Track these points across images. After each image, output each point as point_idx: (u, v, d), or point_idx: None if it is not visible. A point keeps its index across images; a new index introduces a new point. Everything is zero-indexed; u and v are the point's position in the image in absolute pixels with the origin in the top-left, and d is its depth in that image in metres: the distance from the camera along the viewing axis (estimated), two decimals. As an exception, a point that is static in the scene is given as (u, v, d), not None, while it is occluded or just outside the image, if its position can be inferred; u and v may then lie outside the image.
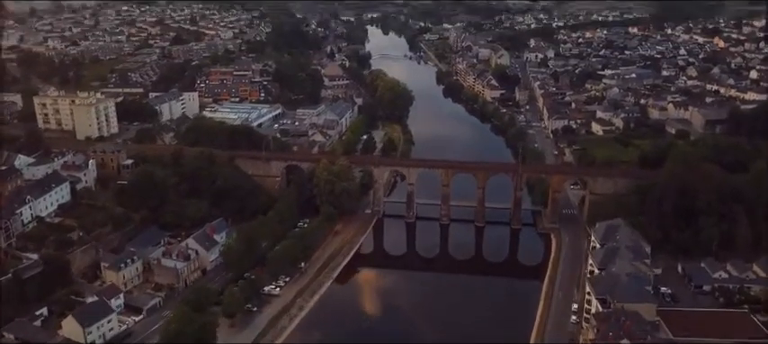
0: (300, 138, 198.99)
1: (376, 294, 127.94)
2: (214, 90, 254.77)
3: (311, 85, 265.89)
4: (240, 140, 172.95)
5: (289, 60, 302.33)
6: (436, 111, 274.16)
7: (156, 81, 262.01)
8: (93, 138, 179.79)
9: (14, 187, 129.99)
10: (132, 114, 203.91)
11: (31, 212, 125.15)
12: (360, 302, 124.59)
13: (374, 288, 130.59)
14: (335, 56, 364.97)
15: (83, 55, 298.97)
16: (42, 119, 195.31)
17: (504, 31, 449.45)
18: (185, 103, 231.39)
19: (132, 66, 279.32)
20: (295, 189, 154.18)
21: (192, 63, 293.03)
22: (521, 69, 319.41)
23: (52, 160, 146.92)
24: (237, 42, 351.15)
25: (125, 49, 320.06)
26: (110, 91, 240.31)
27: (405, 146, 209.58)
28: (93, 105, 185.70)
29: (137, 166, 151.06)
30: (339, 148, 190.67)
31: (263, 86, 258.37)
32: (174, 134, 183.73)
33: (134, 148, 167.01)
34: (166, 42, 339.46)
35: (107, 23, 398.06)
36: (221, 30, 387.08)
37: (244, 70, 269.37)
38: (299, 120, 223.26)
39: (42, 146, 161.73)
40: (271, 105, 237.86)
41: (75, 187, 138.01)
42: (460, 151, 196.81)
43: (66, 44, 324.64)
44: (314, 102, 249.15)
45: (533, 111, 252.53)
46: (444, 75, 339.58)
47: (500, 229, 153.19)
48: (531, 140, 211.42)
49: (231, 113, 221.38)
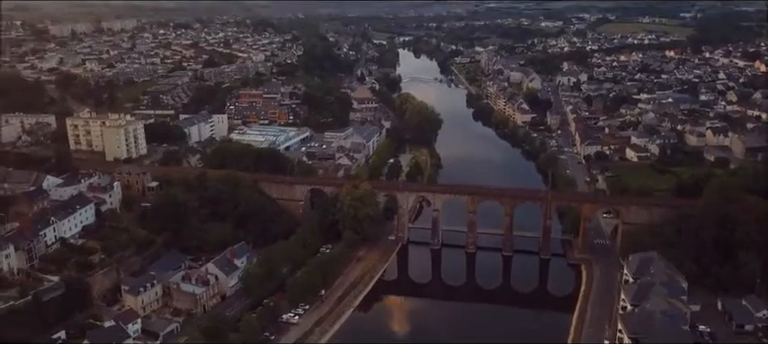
0: (327, 161, 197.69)
1: (399, 324, 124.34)
2: (243, 112, 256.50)
3: (340, 108, 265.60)
4: (265, 163, 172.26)
5: (318, 83, 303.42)
6: (466, 134, 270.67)
7: (186, 103, 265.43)
8: (121, 159, 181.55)
9: (40, 208, 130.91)
10: (161, 136, 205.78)
11: (55, 234, 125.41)
12: (382, 331, 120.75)
13: (397, 317, 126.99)
14: (366, 79, 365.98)
15: (117, 77, 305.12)
16: (74, 140, 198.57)
17: (536, 54, 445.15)
18: (214, 125, 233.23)
19: (164, 88, 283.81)
20: (318, 214, 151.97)
21: (222, 85, 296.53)
22: (553, 93, 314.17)
23: (79, 181, 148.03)
24: (268, 65, 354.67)
25: (159, 72, 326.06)
26: (141, 112, 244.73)
27: (432, 170, 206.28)
28: (122, 127, 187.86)
29: (161, 188, 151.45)
30: (365, 172, 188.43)
31: (291, 109, 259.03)
32: (200, 156, 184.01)
33: (160, 170, 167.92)
34: (199, 65, 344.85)
35: (143, 46, 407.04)
36: (253, 52, 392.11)
37: (273, 93, 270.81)
38: (327, 143, 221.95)
39: (71, 167, 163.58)
40: (299, 128, 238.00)
41: (99, 209, 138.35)
42: (489, 176, 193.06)
43: (102, 66, 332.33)
44: (342, 125, 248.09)
45: (565, 136, 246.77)
46: (474, 98, 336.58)
47: (528, 258, 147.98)
48: (562, 165, 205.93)
49: (259, 135, 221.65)
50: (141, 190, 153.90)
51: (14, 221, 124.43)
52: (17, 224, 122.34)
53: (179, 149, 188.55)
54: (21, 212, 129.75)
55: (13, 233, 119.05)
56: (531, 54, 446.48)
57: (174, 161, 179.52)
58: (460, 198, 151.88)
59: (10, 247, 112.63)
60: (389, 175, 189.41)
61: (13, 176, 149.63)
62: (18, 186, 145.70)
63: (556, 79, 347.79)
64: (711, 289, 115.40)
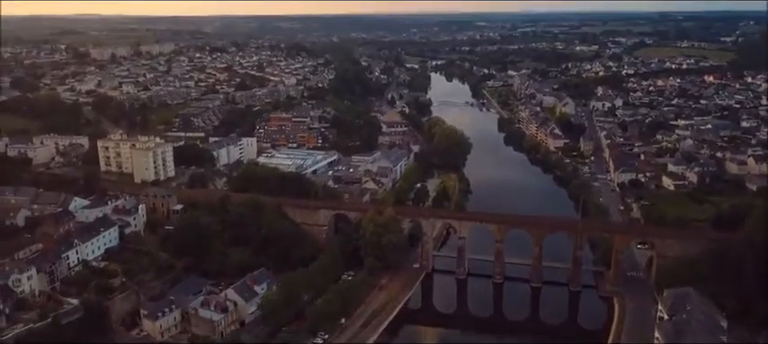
0: (353, 185, 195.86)
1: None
2: (272, 135, 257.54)
3: (368, 131, 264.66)
4: (290, 187, 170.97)
5: (348, 107, 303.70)
6: (496, 159, 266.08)
7: (217, 126, 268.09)
8: (149, 181, 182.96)
9: (65, 230, 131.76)
10: (190, 158, 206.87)
11: (78, 256, 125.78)
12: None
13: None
14: (396, 103, 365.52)
15: (151, 99, 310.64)
16: (105, 161, 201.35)
17: (570, 78, 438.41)
18: (243, 148, 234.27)
19: (195, 111, 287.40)
20: (340, 240, 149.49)
21: (253, 109, 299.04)
22: (586, 118, 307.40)
23: (105, 204, 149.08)
24: (300, 89, 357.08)
25: (192, 95, 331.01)
26: (173, 135, 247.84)
27: (460, 196, 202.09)
28: (150, 149, 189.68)
29: (186, 211, 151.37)
30: (391, 196, 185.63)
31: (320, 133, 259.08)
32: (226, 180, 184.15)
33: (186, 192, 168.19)
34: (232, 88, 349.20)
35: (179, 69, 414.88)
36: (285, 76, 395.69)
37: (302, 116, 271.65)
38: (354, 167, 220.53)
39: (99, 189, 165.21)
40: (326, 152, 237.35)
41: (123, 231, 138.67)
42: (519, 203, 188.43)
43: (138, 89, 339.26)
44: (370, 149, 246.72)
45: (599, 162, 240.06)
46: (506, 122, 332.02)
47: (558, 290, 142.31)
48: (595, 193, 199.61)
49: (287, 159, 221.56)
50: (166, 213, 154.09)
51: (38, 242, 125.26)
52: (41, 246, 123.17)
53: (205, 172, 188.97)
54: (46, 234, 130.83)
55: (37, 255, 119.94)
56: (564, 78, 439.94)
57: (201, 184, 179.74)
58: (487, 226, 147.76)
59: (32, 268, 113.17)
60: (416, 200, 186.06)
61: (42, 197, 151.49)
62: (46, 208, 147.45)
63: (590, 104, 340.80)
64: (754, 328, 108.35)
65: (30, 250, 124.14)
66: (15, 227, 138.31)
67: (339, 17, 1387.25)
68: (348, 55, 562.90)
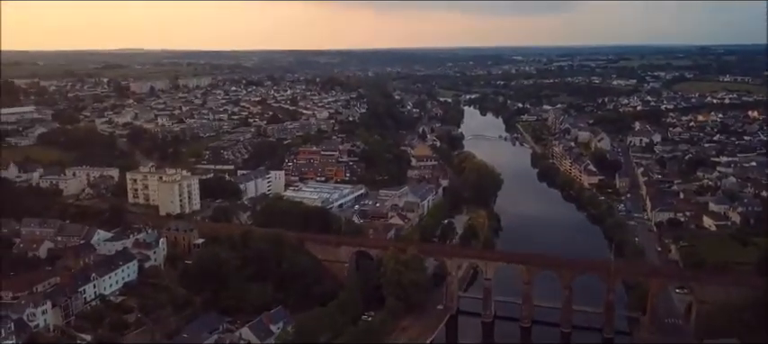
0: (378, 220, 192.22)
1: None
2: (301, 169, 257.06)
3: (397, 165, 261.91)
4: (313, 221, 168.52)
5: (378, 140, 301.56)
6: (528, 196, 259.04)
7: (247, 158, 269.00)
8: (173, 214, 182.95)
9: (84, 264, 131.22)
10: (216, 191, 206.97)
11: (96, 290, 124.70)
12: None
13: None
14: (427, 136, 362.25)
15: (184, 132, 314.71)
16: (133, 194, 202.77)
17: (606, 113, 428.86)
18: (272, 181, 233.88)
19: (226, 143, 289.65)
20: (360, 278, 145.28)
21: (284, 141, 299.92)
22: (623, 154, 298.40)
23: (127, 237, 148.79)
24: (331, 122, 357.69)
25: (224, 127, 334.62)
26: (202, 167, 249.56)
27: (489, 234, 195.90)
28: (176, 182, 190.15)
29: (207, 245, 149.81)
30: (416, 233, 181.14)
31: (348, 166, 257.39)
32: (250, 214, 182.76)
33: (208, 226, 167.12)
34: (264, 121, 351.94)
35: (214, 103, 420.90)
36: (318, 110, 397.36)
37: (331, 150, 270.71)
38: (381, 201, 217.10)
39: (123, 221, 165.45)
40: (354, 186, 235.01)
41: (143, 265, 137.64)
42: (551, 242, 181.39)
43: (173, 121, 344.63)
44: (398, 183, 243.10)
45: (635, 200, 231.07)
46: (539, 157, 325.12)
47: (589, 336, 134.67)
48: (630, 232, 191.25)
49: (313, 192, 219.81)
50: (187, 247, 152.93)
51: (57, 275, 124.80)
52: (58, 279, 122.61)
53: (229, 206, 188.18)
54: (65, 267, 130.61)
55: (54, 289, 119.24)
56: (600, 113, 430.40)
57: (224, 218, 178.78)
58: (515, 267, 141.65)
59: (47, 303, 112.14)
60: (442, 237, 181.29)
61: (66, 229, 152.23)
62: (70, 240, 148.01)
63: (626, 140, 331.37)
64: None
65: (48, 283, 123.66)
66: (37, 259, 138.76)
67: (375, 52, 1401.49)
68: (381, 89, 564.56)
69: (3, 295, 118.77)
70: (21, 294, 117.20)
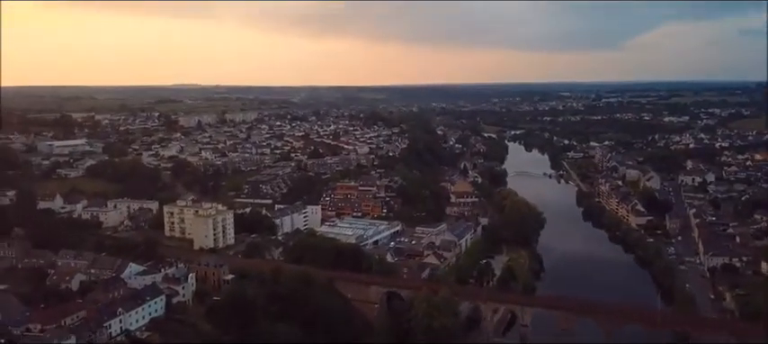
0: (413, 259, 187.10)
1: None
2: (338, 204, 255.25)
3: (435, 202, 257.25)
4: (345, 259, 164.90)
5: (417, 176, 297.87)
6: (572, 236, 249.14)
7: (285, 193, 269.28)
8: (207, 248, 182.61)
9: (112, 297, 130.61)
10: (251, 226, 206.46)
11: (121, 325, 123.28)
12: None
13: None
14: (469, 172, 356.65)
15: (226, 166, 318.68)
16: (169, 227, 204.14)
17: (657, 150, 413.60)
18: (308, 216, 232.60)
19: (265, 177, 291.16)
20: (391, 320, 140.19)
21: (323, 176, 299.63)
22: (673, 194, 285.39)
23: (159, 271, 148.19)
24: (371, 157, 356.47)
25: (266, 162, 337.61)
26: (241, 201, 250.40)
27: (528, 276, 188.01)
28: (210, 217, 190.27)
29: (237, 282, 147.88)
30: (452, 273, 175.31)
31: (385, 202, 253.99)
32: (282, 249, 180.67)
33: (240, 262, 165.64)
34: (305, 156, 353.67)
35: (258, 137, 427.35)
36: (359, 145, 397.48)
37: (369, 185, 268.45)
38: (417, 239, 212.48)
39: (156, 255, 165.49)
40: (390, 222, 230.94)
41: (171, 301, 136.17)
42: (595, 286, 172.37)
43: (216, 155, 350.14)
44: (436, 220, 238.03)
45: (686, 243, 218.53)
46: (585, 196, 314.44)
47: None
48: (681, 278, 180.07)
49: (348, 228, 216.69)
50: (217, 283, 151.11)
51: (85, 309, 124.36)
52: (84, 313, 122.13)
53: (262, 241, 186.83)
54: (95, 300, 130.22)
55: (80, 323, 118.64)
56: (650, 151, 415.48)
57: (257, 253, 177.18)
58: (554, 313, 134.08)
59: (72, 337, 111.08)
60: (479, 278, 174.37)
61: (99, 262, 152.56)
62: (102, 272, 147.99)
63: (678, 179, 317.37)
64: None
65: (76, 317, 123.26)
66: (69, 291, 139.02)
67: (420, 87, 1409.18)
68: (424, 124, 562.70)
69: (31, 328, 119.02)
70: (48, 326, 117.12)
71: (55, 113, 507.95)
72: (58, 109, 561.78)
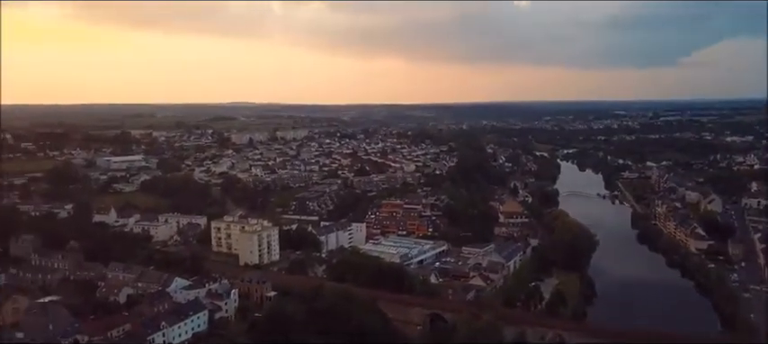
0: (458, 280, 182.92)
1: None
2: (383, 222, 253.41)
3: (482, 222, 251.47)
4: (388, 278, 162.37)
5: (464, 195, 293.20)
6: (626, 260, 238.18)
7: (331, 210, 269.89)
8: (252, 265, 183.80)
9: (156, 311, 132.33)
10: (296, 243, 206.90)
11: (164, 339, 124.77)
12: None
13: None
14: (519, 192, 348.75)
15: (275, 182, 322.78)
16: (216, 242, 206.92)
17: (718, 171, 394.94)
18: (353, 234, 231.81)
19: (312, 194, 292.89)
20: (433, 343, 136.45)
21: (369, 194, 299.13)
22: (736, 218, 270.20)
23: (203, 286, 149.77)
24: (417, 175, 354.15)
25: (313, 179, 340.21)
26: (288, 217, 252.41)
27: (579, 301, 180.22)
28: (256, 233, 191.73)
29: (279, 298, 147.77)
30: (498, 296, 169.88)
31: (431, 221, 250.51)
32: (325, 267, 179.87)
33: (283, 278, 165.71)
34: (351, 173, 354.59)
35: (307, 154, 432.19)
36: (406, 163, 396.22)
37: (414, 204, 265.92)
38: (463, 259, 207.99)
39: (202, 270, 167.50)
40: (436, 241, 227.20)
41: (213, 316, 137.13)
42: (651, 313, 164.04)
43: (265, 172, 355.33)
44: (483, 240, 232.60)
45: (751, 270, 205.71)
46: (640, 218, 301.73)
47: None
48: (744, 306, 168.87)
49: (392, 247, 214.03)
50: (259, 299, 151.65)
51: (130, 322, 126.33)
52: (129, 326, 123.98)
53: (305, 258, 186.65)
54: (140, 314, 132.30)
55: (125, 335, 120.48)
56: (711, 172, 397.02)
57: (300, 270, 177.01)
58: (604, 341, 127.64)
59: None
60: (526, 302, 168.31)
61: (146, 276, 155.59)
62: (149, 286, 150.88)
63: (741, 201, 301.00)
64: None
65: (122, 329, 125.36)
66: (117, 304, 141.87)
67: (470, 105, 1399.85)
68: (473, 142, 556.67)
69: (79, 339, 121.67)
70: (96, 338, 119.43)
71: (115, 130, 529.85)
72: (120, 126, 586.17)
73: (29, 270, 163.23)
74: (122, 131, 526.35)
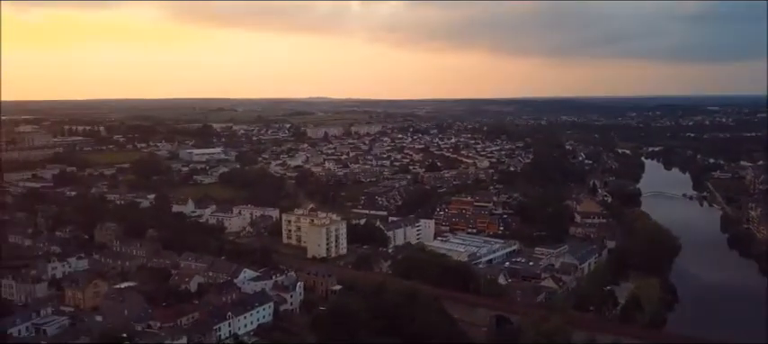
0: (529, 281, 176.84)
1: None
2: (452, 219, 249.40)
3: (557, 221, 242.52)
4: (453, 276, 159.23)
5: (539, 193, 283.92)
6: (713, 265, 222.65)
7: (400, 205, 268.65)
8: (319, 258, 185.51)
9: (224, 301, 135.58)
10: (363, 237, 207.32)
11: (230, 329, 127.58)
12: None
13: None
14: (598, 191, 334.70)
15: (346, 177, 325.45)
16: (287, 234, 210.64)
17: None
18: (421, 230, 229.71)
19: (381, 189, 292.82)
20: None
21: (439, 190, 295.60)
22: None
23: (270, 277, 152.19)
24: (490, 172, 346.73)
25: (384, 173, 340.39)
26: (357, 211, 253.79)
27: (658, 308, 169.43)
28: (324, 226, 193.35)
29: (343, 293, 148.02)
30: (569, 299, 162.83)
31: (502, 219, 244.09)
32: (390, 263, 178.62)
33: (348, 273, 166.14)
34: (422, 169, 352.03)
35: (379, 149, 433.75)
36: (479, 159, 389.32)
37: (485, 201, 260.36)
38: (535, 260, 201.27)
39: (270, 262, 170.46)
40: (506, 240, 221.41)
41: (278, 308, 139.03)
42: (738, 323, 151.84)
43: (338, 166, 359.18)
44: (557, 240, 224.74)
45: None
46: (731, 221, 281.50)
47: None
48: None
49: (461, 245, 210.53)
50: (324, 293, 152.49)
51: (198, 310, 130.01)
52: (197, 314, 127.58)
53: (371, 254, 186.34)
54: (208, 303, 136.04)
55: (190, 325, 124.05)
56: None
57: (366, 265, 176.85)
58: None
59: (183, 337, 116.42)
60: (599, 307, 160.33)
61: (217, 266, 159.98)
62: (219, 276, 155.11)
63: None
64: None
65: (191, 317, 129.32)
66: (188, 292, 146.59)
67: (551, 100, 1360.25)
68: (552, 138, 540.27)
69: (152, 325, 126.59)
70: (167, 325, 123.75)
71: (199, 124, 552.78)
72: (203, 120, 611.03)
73: (110, 256, 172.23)
74: (205, 124, 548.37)
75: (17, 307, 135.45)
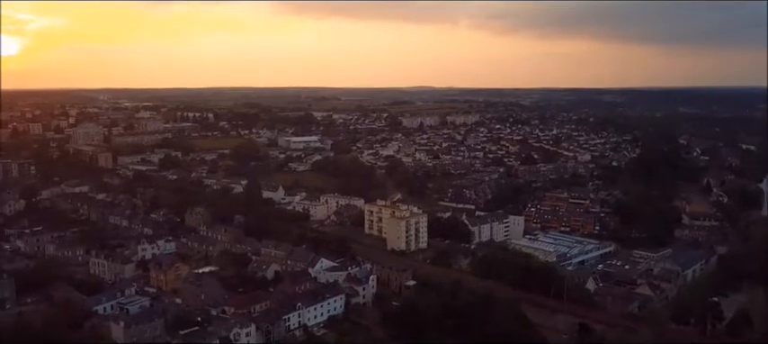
0: (622, 287, 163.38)
1: None
2: (544, 216, 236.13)
3: (661, 222, 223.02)
4: (536, 278, 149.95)
5: (642, 191, 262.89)
6: None
7: (489, 200, 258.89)
8: (398, 250, 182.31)
9: (295, 291, 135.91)
10: (447, 231, 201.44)
11: (300, 320, 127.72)
12: None
13: None
14: (712, 190, 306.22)
15: (436, 168, 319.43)
16: (368, 225, 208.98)
17: None
18: (509, 226, 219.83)
19: (470, 182, 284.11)
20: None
21: (533, 184, 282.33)
22: None
23: (346, 268, 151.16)
24: (591, 166, 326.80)
25: (476, 166, 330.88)
26: (443, 204, 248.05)
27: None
28: (404, 219, 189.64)
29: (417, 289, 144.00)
30: (667, 310, 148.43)
31: (598, 218, 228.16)
32: (470, 260, 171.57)
33: (424, 268, 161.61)
34: (517, 161, 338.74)
35: (474, 140, 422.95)
36: (580, 152, 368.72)
37: (581, 198, 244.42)
38: (632, 263, 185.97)
39: (348, 252, 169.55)
40: (601, 241, 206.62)
41: (349, 301, 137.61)
42: None
43: (429, 157, 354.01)
44: (660, 243, 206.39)
45: None
46: None
47: None
48: None
49: (551, 244, 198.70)
50: (398, 287, 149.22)
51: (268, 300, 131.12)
52: (268, 303, 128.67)
53: (450, 249, 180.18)
54: (282, 291, 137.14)
55: (261, 313, 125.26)
56: None
57: (445, 261, 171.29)
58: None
59: (252, 326, 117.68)
60: (700, 320, 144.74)
61: (295, 254, 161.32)
62: (296, 264, 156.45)
63: None
64: None
65: (264, 305, 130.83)
66: (264, 279, 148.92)
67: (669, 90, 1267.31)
68: (664, 131, 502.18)
69: (227, 310, 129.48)
70: (240, 311, 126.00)
71: (301, 112, 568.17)
72: (307, 108, 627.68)
73: (196, 240, 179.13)
74: (307, 112, 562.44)
75: (107, 285, 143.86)
